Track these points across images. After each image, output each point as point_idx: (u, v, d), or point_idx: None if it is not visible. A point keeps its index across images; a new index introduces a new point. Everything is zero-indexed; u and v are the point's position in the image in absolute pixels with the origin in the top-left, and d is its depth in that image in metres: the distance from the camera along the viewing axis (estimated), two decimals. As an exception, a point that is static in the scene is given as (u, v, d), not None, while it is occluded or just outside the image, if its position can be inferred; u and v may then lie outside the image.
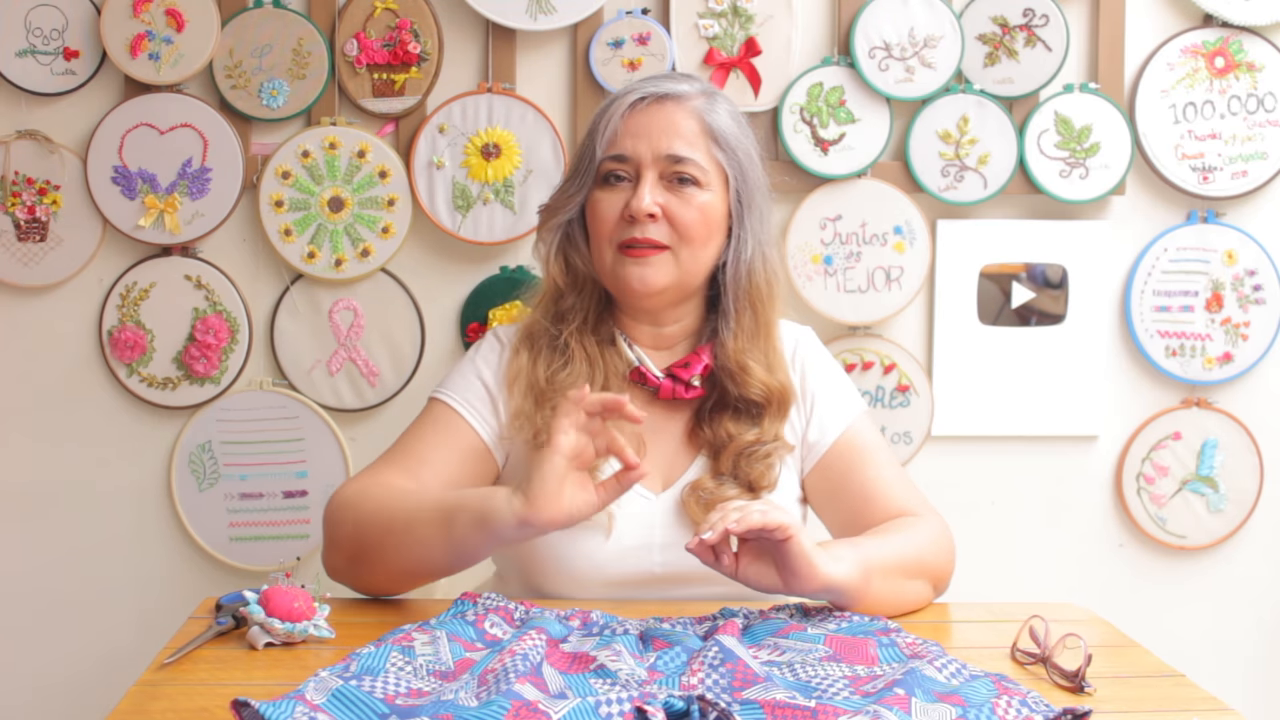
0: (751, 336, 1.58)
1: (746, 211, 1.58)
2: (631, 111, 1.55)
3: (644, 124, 1.54)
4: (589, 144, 1.58)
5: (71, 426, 2.31)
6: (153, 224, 2.26)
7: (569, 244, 1.60)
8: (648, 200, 1.51)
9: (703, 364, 1.57)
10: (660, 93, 1.56)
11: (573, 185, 1.59)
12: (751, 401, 1.56)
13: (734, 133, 1.58)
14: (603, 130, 1.56)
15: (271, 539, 2.31)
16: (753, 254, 1.58)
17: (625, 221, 1.53)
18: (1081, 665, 1.23)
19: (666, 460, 1.58)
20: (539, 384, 1.56)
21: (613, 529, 1.52)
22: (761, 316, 1.59)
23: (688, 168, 1.53)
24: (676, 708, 1.07)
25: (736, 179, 1.57)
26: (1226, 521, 2.42)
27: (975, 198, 2.32)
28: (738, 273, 1.58)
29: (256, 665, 1.27)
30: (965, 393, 2.37)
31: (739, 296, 1.58)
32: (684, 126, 1.55)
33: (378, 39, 2.25)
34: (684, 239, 1.53)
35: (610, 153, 1.55)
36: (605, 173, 1.56)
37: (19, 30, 2.23)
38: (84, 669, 2.34)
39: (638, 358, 1.58)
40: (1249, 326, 2.38)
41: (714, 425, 1.57)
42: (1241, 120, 2.35)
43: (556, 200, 1.61)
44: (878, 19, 2.28)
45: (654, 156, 1.53)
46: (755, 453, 1.55)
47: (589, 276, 1.60)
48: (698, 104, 1.57)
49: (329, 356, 2.30)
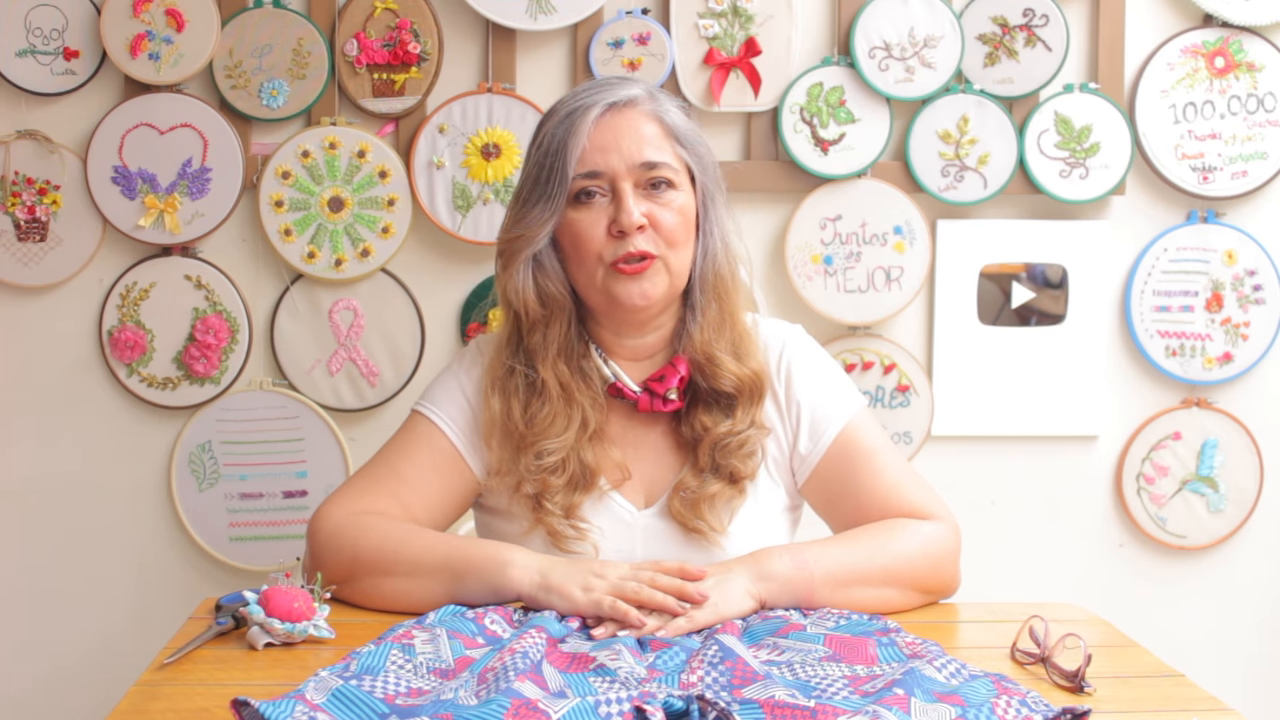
0: (717, 326, 1.57)
1: (710, 203, 1.58)
2: (595, 127, 1.52)
3: (611, 137, 1.51)
4: (553, 164, 1.51)
5: (71, 426, 2.31)
6: (153, 224, 2.26)
7: (540, 272, 1.55)
8: (636, 214, 1.49)
9: (678, 375, 1.55)
10: (614, 100, 1.53)
11: (542, 211, 1.53)
12: (723, 393, 1.56)
13: (689, 127, 1.57)
14: (569, 150, 1.51)
15: (271, 539, 2.31)
16: (718, 245, 1.58)
17: (613, 238, 1.50)
18: (1081, 665, 1.23)
19: (649, 473, 1.57)
20: (517, 429, 1.54)
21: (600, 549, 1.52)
22: (725, 305, 1.58)
23: (661, 171, 1.52)
24: (676, 707, 1.07)
25: (700, 173, 1.57)
26: (1226, 521, 2.42)
27: (975, 198, 2.32)
28: (705, 266, 1.57)
29: (256, 665, 1.27)
30: (965, 393, 2.37)
31: (705, 290, 1.57)
32: (648, 131, 1.52)
33: (378, 39, 2.25)
34: (670, 244, 1.52)
35: (582, 170, 1.51)
36: (578, 191, 1.52)
37: (19, 30, 2.23)
38: (84, 668, 2.34)
39: (614, 373, 1.57)
40: (1249, 326, 2.38)
41: (690, 422, 1.56)
42: (1241, 120, 2.35)
43: (524, 230, 1.55)
44: (878, 19, 2.28)
45: (628, 167, 1.51)
46: (730, 443, 1.54)
47: (562, 303, 1.56)
48: (651, 106, 1.55)
49: (329, 356, 2.30)
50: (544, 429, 1.53)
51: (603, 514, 1.54)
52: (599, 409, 1.55)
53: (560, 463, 1.52)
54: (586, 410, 1.54)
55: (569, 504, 1.52)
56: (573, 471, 1.52)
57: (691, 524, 1.52)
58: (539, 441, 1.52)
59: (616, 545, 1.53)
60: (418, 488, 1.55)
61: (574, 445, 1.52)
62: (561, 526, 1.51)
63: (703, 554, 1.52)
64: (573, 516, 1.52)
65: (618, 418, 1.58)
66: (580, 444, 1.53)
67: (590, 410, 1.55)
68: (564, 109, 1.53)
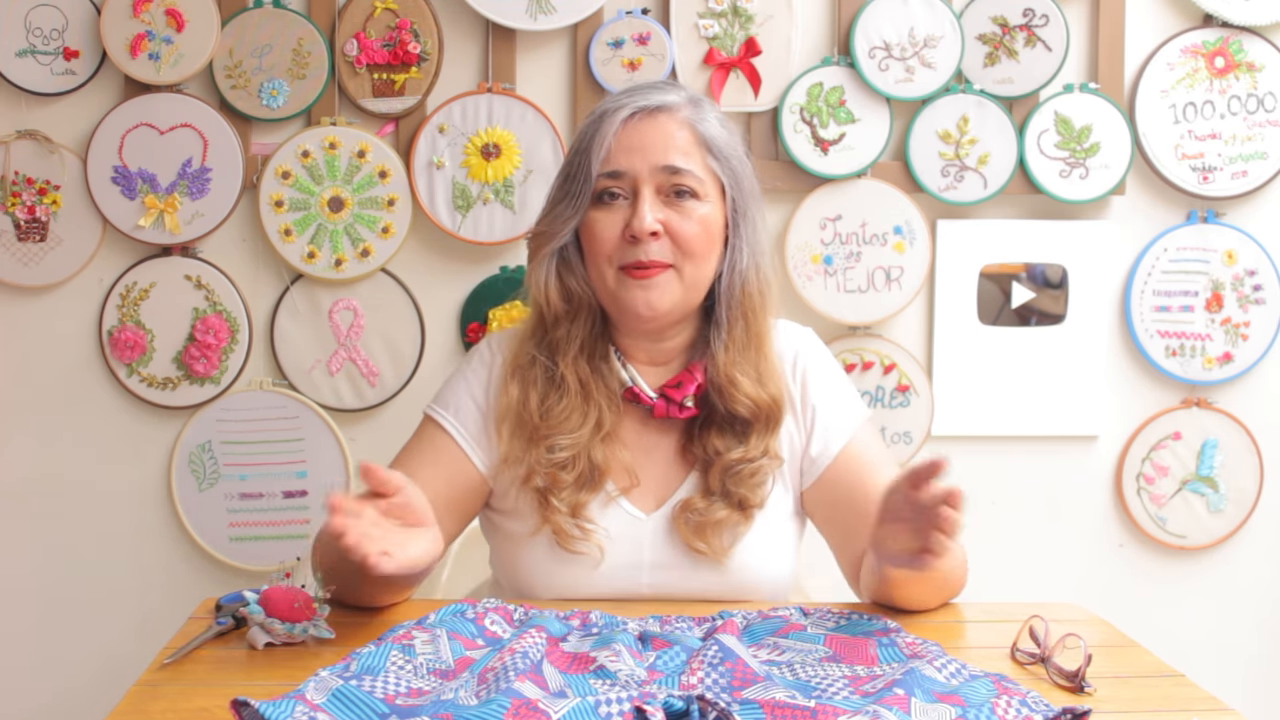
0: (743, 348, 1.55)
1: (742, 220, 1.55)
2: (624, 127, 1.51)
3: (637, 139, 1.50)
4: (580, 163, 1.52)
5: (71, 426, 2.31)
6: (153, 224, 2.26)
7: (565, 268, 1.55)
8: (649, 219, 1.47)
9: (695, 383, 1.54)
10: (650, 105, 1.52)
11: (566, 208, 1.53)
12: (738, 417, 1.54)
13: (725, 140, 1.55)
14: (595, 149, 1.51)
15: (271, 539, 2.31)
16: (748, 264, 1.55)
17: (626, 242, 1.49)
18: (1081, 665, 1.23)
19: (658, 479, 1.57)
20: (531, 419, 1.54)
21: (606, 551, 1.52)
22: (754, 327, 1.56)
23: (685, 179, 1.50)
24: (676, 707, 1.07)
25: (732, 187, 1.54)
26: (1226, 521, 2.42)
27: (975, 198, 2.32)
28: (732, 283, 1.55)
29: (256, 665, 1.27)
30: (965, 393, 2.37)
31: (732, 307, 1.55)
32: (678, 138, 1.51)
33: (378, 39, 2.25)
34: (686, 254, 1.50)
35: (605, 170, 1.50)
36: (600, 191, 1.51)
37: (19, 30, 2.23)
38: (84, 669, 2.34)
39: (631, 378, 1.56)
40: (1249, 326, 2.38)
41: (703, 441, 1.55)
42: (1241, 120, 2.35)
43: (549, 225, 1.55)
44: (878, 19, 2.28)
45: (650, 170, 1.49)
46: (742, 470, 1.52)
47: (586, 301, 1.56)
48: (688, 114, 1.53)
49: (329, 356, 2.30)
50: (559, 423, 1.52)
51: (609, 517, 1.54)
52: (614, 411, 1.55)
53: (571, 459, 1.52)
54: (603, 410, 1.54)
55: (576, 502, 1.52)
56: (581, 469, 1.52)
57: (694, 545, 1.52)
58: (552, 435, 1.52)
59: (623, 549, 1.53)
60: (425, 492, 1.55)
61: (586, 443, 1.52)
62: (568, 525, 1.51)
63: (706, 567, 1.53)
64: (579, 516, 1.51)
65: (631, 422, 1.57)
66: (592, 443, 1.52)
67: (606, 411, 1.54)
68: (599, 109, 1.54)
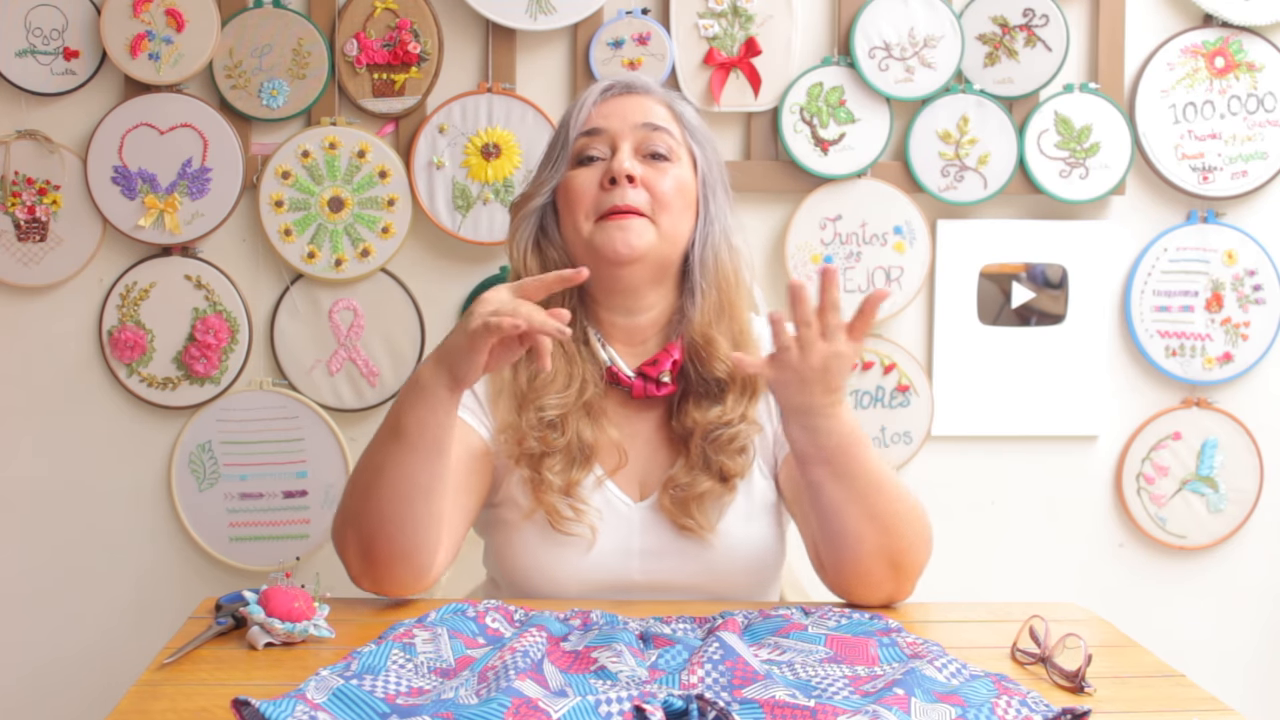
0: (717, 313, 1.58)
1: (712, 195, 1.62)
2: (603, 98, 1.61)
3: (614, 106, 1.60)
4: (560, 136, 1.63)
5: (71, 426, 2.31)
6: (153, 224, 2.26)
7: (543, 235, 1.61)
8: (628, 162, 1.54)
9: (671, 359, 1.56)
10: (629, 83, 1.63)
11: (545, 172, 1.62)
12: (717, 380, 1.56)
13: (698, 122, 1.65)
14: (574, 120, 1.61)
15: (271, 539, 2.31)
16: (720, 237, 1.61)
17: (604, 190, 1.55)
18: (1081, 665, 1.23)
19: (644, 466, 1.58)
20: (520, 390, 1.56)
21: (597, 532, 1.53)
22: (725, 298, 1.60)
23: (662, 138, 1.58)
24: (676, 707, 1.07)
25: (703, 164, 1.62)
26: (1226, 521, 2.42)
27: (975, 198, 2.32)
28: (705, 252, 1.60)
29: (256, 665, 1.27)
30: (965, 393, 2.37)
31: (705, 275, 1.59)
32: (655, 109, 1.61)
33: (378, 39, 2.25)
34: (662, 206, 1.55)
35: (584, 129, 1.59)
36: (579, 151, 1.59)
37: (19, 30, 2.23)
38: (84, 668, 2.34)
39: (610, 357, 1.58)
40: (1249, 326, 2.38)
41: (683, 417, 1.56)
42: (1241, 120, 2.35)
43: (529, 189, 1.64)
44: (878, 19, 2.28)
45: (630, 127, 1.58)
46: (721, 435, 1.53)
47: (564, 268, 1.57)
48: (663, 95, 1.64)
49: (329, 356, 2.31)
50: (545, 385, 1.54)
51: (600, 502, 1.54)
52: (598, 389, 1.56)
53: (560, 421, 1.52)
54: (585, 380, 1.56)
55: (568, 481, 1.52)
56: (571, 439, 1.53)
57: (680, 521, 1.53)
58: (540, 397, 1.53)
59: (614, 535, 1.54)
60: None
61: (574, 407, 1.53)
62: (560, 504, 1.51)
63: (697, 548, 1.53)
64: (571, 494, 1.52)
65: (614, 405, 1.59)
66: (580, 415, 1.54)
67: (590, 383, 1.56)
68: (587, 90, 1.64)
